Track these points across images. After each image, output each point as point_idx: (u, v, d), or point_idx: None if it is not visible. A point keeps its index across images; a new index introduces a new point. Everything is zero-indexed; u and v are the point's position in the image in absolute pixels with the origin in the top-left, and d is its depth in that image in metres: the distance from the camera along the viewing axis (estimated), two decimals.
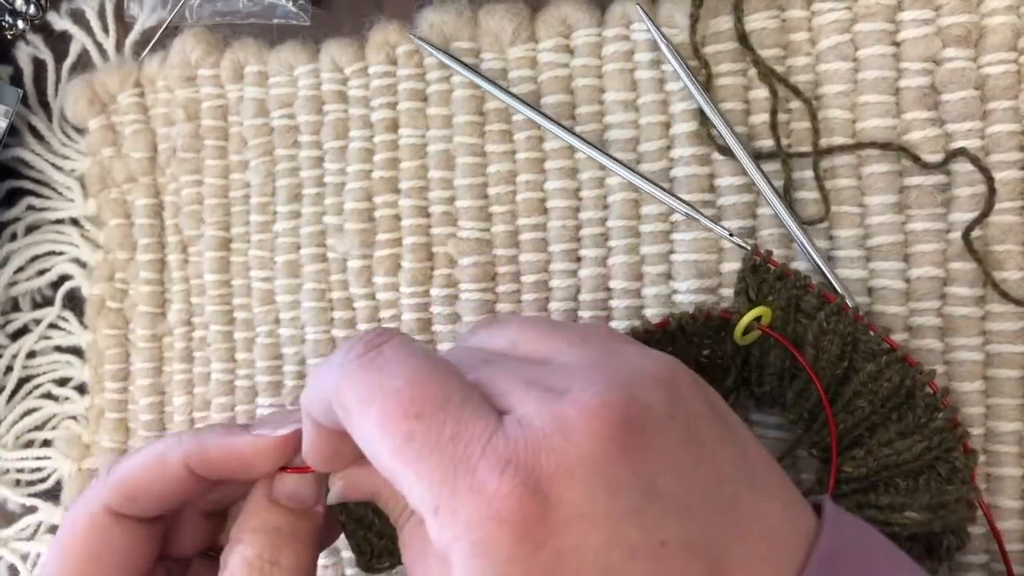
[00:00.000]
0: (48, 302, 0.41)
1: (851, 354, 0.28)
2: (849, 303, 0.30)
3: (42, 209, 0.41)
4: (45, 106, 0.41)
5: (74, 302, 0.41)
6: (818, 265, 0.30)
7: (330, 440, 0.22)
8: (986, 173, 0.29)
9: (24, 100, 0.41)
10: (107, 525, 0.26)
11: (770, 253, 0.29)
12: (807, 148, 0.31)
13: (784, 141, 0.32)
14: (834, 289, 0.30)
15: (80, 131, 0.41)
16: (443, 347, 0.35)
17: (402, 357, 0.19)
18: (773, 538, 0.19)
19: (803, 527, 0.20)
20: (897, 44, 0.31)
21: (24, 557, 0.41)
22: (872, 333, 0.27)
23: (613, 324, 0.33)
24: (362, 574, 0.29)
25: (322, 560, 0.37)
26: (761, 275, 0.29)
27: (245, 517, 0.25)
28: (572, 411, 0.18)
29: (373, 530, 0.28)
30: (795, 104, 0.32)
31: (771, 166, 0.32)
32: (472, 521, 0.17)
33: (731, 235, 0.31)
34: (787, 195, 0.31)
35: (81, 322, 0.41)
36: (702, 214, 0.31)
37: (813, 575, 0.18)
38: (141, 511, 0.26)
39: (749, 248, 0.30)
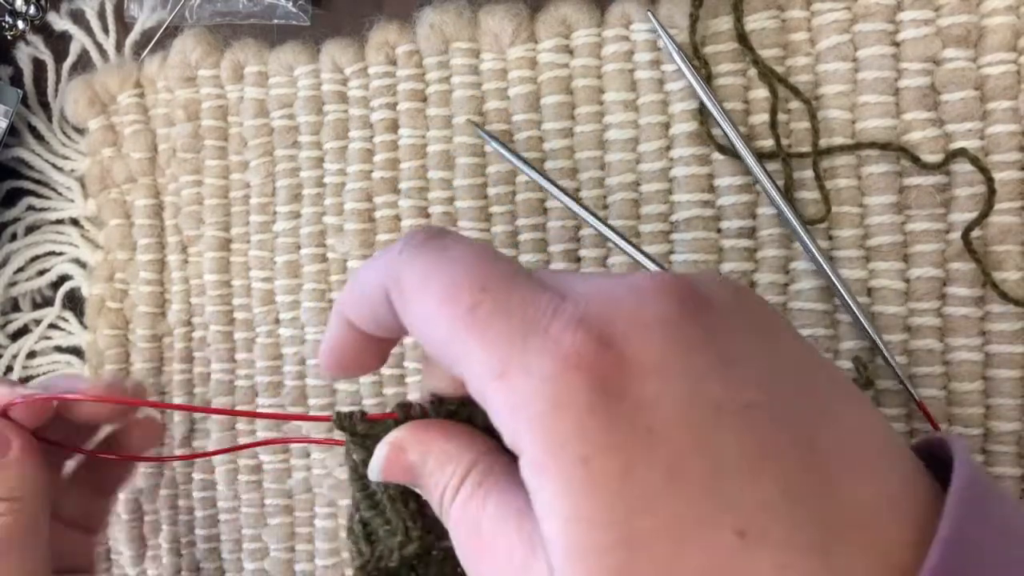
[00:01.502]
0: (48, 302, 0.41)
1: None
2: (851, 302, 0.30)
3: (42, 209, 0.41)
4: (45, 106, 0.41)
5: (74, 302, 0.41)
6: (820, 265, 0.30)
7: (358, 342, 0.22)
8: (986, 173, 0.29)
9: (24, 100, 0.41)
10: None
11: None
12: (807, 148, 0.31)
13: (784, 141, 0.32)
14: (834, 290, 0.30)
15: (80, 131, 0.41)
16: None
17: (463, 243, 0.19)
18: (876, 439, 0.18)
19: (908, 451, 0.19)
20: (897, 44, 0.31)
21: None
22: None
23: None
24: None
25: (322, 560, 0.37)
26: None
27: None
28: (645, 281, 0.18)
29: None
30: (795, 104, 0.32)
31: (771, 166, 0.32)
32: (546, 374, 0.17)
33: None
34: (788, 195, 0.31)
35: (81, 322, 0.41)
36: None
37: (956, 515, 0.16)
38: None
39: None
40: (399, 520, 0.23)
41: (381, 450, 0.21)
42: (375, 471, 0.22)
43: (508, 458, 0.19)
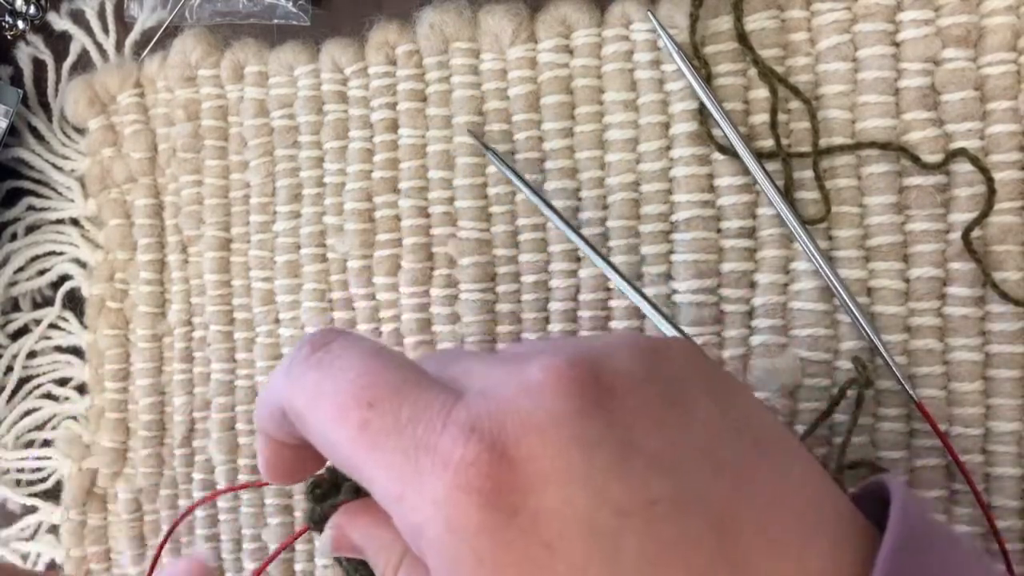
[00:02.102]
0: (48, 302, 0.41)
1: None
2: (850, 303, 0.30)
3: (42, 209, 0.41)
4: (45, 106, 0.41)
5: (74, 302, 0.41)
6: (819, 265, 0.30)
7: (285, 453, 0.21)
8: (986, 173, 0.29)
9: (24, 100, 0.41)
10: None
11: None
12: (807, 148, 0.31)
13: (784, 141, 0.32)
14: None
15: (80, 131, 0.41)
16: (442, 347, 0.35)
17: (350, 351, 0.19)
18: (800, 503, 0.17)
19: (843, 504, 0.18)
20: (897, 44, 0.31)
21: (24, 557, 0.41)
22: None
23: (612, 324, 0.33)
24: None
25: (322, 560, 0.37)
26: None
27: None
28: (538, 375, 0.17)
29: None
30: (794, 104, 0.32)
31: (771, 166, 0.32)
32: (438, 497, 0.16)
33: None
34: (788, 195, 0.31)
35: (81, 322, 0.41)
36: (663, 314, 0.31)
37: (891, 559, 0.16)
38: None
39: None
40: None
41: (327, 533, 0.22)
42: (325, 551, 0.22)
43: None
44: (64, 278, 0.41)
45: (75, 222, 0.41)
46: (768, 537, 0.16)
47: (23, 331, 0.42)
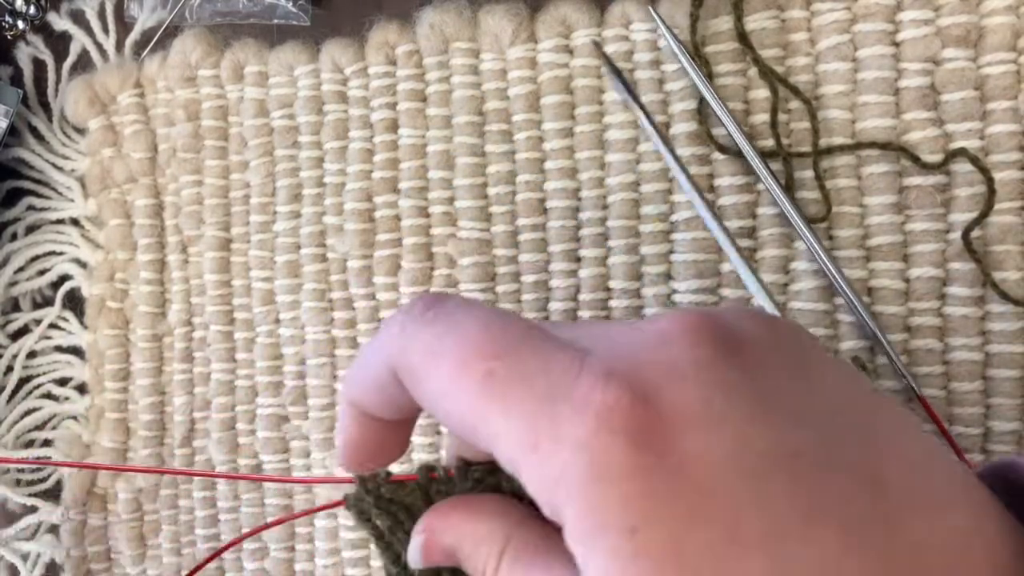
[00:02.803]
0: (48, 302, 0.41)
1: None
2: (855, 301, 0.30)
3: (42, 209, 0.41)
4: (45, 106, 0.41)
5: (74, 302, 0.41)
6: (824, 264, 0.30)
7: (375, 430, 0.20)
8: (986, 173, 0.29)
9: (24, 100, 0.41)
10: None
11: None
12: (807, 148, 0.31)
13: (784, 141, 0.32)
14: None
15: (80, 131, 0.41)
16: None
17: (467, 308, 0.18)
18: (939, 469, 0.17)
19: (970, 476, 0.17)
20: (897, 44, 0.31)
21: (24, 557, 0.41)
22: None
23: None
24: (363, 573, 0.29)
25: (322, 560, 0.37)
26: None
27: None
28: (670, 325, 0.17)
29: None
30: (795, 104, 0.32)
31: (772, 166, 0.32)
32: (580, 441, 0.15)
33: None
34: (788, 191, 0.31)
35: (81, 322, 0.41)
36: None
37: None
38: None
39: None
40: None
41: (416, 539, 0.20)
42: (415, 560, 0.20)
43: (543, 525, 0.18)
44: (64, 278, 0.41)
45: (75, 222, 0.41)
46: (916, 497, 0.16)
47: (23, 331, 0.42)
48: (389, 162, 0.36)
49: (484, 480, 0.21)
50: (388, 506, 0.23)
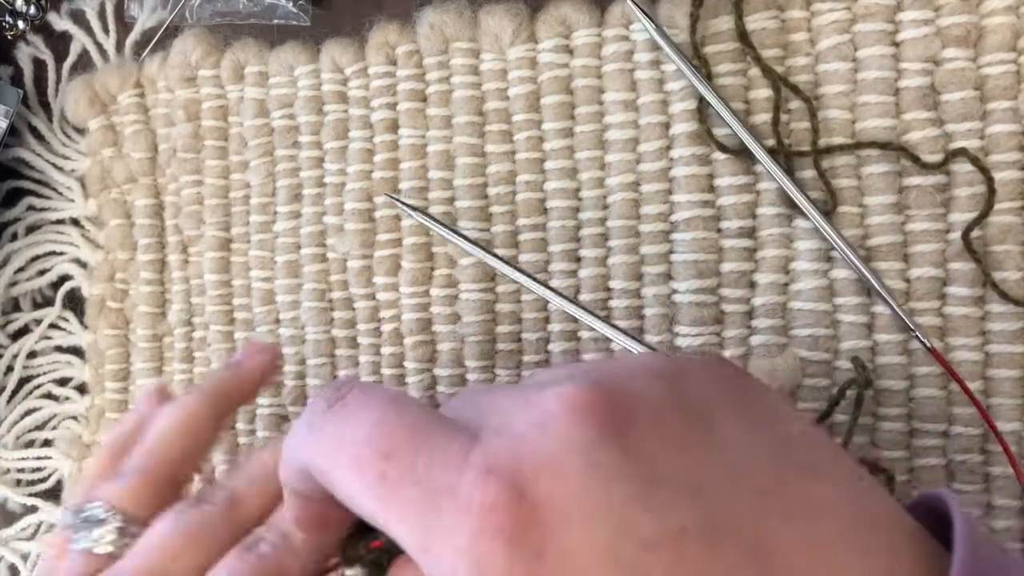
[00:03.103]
0: (48, 302, 0.41)
1: None
2: (879, 287, 0.30)
3: (42, 209, 0.41)
4: (45, 106, 0.41)
5: (74, 302, 0.41)
6: (841, 250, 0.30)
7: (314, 508, 0.21)
8: (986, 173, 0.29)
9: (24, 100, 0.41)
10: None
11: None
12: (807, 148, 0.31)
13: (784, 141, 0.32)
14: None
15: (80, 131, 0.41)
16: (442, 347, 0.35)
17: (364, 403, 0.18)
18: (846, 514, 0.16)
19: (897, 514, 0.17)
20: (897, 44, 0.31)
21: (24, 557, 0.41)
22: None
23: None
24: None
25: None
26: None
27: None
28: (551, 405, 0.17)
29: None
30: (795, 104, 0.32)
31: (774, 165, 0.32)
32: (462, 545, 0.16)
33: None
34: (792, 177, 0.31)
35: (81, 322, 0.41)
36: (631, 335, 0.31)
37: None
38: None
39: None
40: None
41: None
42: None
43: None
44: (64, 278, 0.41)
45: (75, 222, 0.41)
46: (810, 553, 0.16)
47: (23, 331, 0.42)
48: (389, 162, 0.36)
49: None
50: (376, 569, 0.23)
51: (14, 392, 0.42)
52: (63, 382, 0.41)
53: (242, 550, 0.24)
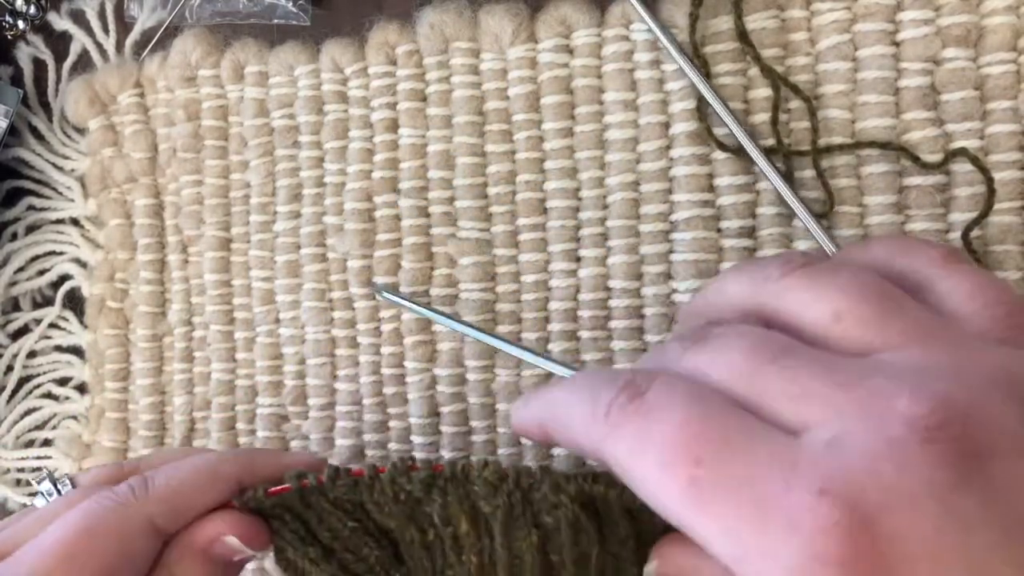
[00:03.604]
0: (48, 302, 0.41)
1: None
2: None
3: (42, 209, 0.41)
4: (45, 106, 0.41)
5: (74, 302, 0.41)
6: (827, 247, 0.30)
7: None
8: (986, 173, 0.29)
9: (24, 100, 0.41)
10: (141, 542, 0.24)
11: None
12: (807, 147, 0.31)
13: (784, 141, 0.32)
14: None
15: (80, 131, 0.41)
16: (442, 347, 0.35)
17: (667, 400, 0.17)
18: None
19: None
20: (897, 44, 0.31)
21: None
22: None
23: (612, 324, 0.33)
24: None
25: None
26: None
27: (176, 563, 0.25)
28: (898, 429, 0.15)
29: None
30: (795, 104, 0.32)
31: (772, 164, 0.32)
32: (790, 565, 0.15)
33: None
34: (790, 183, 0.31)
35: (81, 322, 0.41)
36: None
37: None
38: (175, 528, 0.25)
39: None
40: None
41: (651, 565, 0.21)
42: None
43: None
44: (64, 278, 0.41)
45: (75, 222, 0.41)
46: None
47: (23, 331, 0.42)
48: (389, 162, 0.36)
49: (351, 490, 0.24)
50: (284, 518, 0.26)
51: (14, 392, 0.42)
52: (63, 382, 0.41)
53: (104, 490, 0.25)
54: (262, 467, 0.27)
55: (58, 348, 0.41)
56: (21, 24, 0.41)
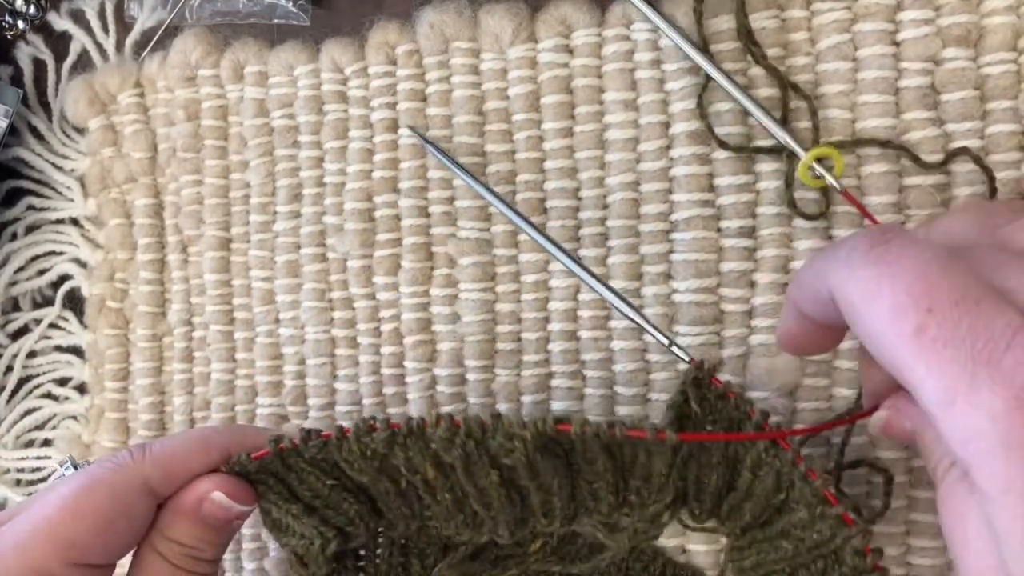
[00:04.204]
0: (48, 302, 0.41)
1: (788, 490, 0.26)
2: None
3: (42, 209, 0.41)
4: (45, 106, 0.41)
5: (74, 302, 0.41)
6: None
7: (810, 330, 0.23)
8: (988, 172, 0.29)
9: (24, 100, 0.41)
10: (136, 499, 0.27)
11: (714, 369, 0.28)
12: (807, 147, 0.31)
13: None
14: None
15: (80, 131, 0.41)
16: (442, 347, 0.35)
17: (910, 251, 0.19)
18: None
19: None
20: (897, 44, 0.31)
21: None
22: (811, 480, 0.25)
23: (612, 324, 0.33)
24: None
25: None
26: (704, 390, 0.28)
27: (169, 526, 0.27)
28: None
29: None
30: (795, 103, 0.32)
31: (773, 164, 0.32)
32: (995, 412, 0.16)
33: (671, 344, 0.30)
34: (788, 189, 0.31)
35: (81, 322, 0.41)
36: (645, 319, 0.30)
37: None
38: (169, 491, 0.27)
39: (691, 361, 0.29)
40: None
41: (880, 414, 0.23)
42: (876, 430, 0.23)
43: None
44: (64, 278, 0.41)
45: (75, 222, 0.41)
46: None
47: (23, 331, 0.42)
48: (389, 162, 0.36)
49: (322, 449, 0.27)
50: (268, 483, 0.28)
51: (14, 392, 0.42)
52: (63, 382, 0.41)
53: (107, 456, 0.28)
54: (251, 439, 0.29)
55: (58, 348, 0.41)
56: (21, 24, 0.41)
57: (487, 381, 0.35)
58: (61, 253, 0.41)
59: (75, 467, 0.31)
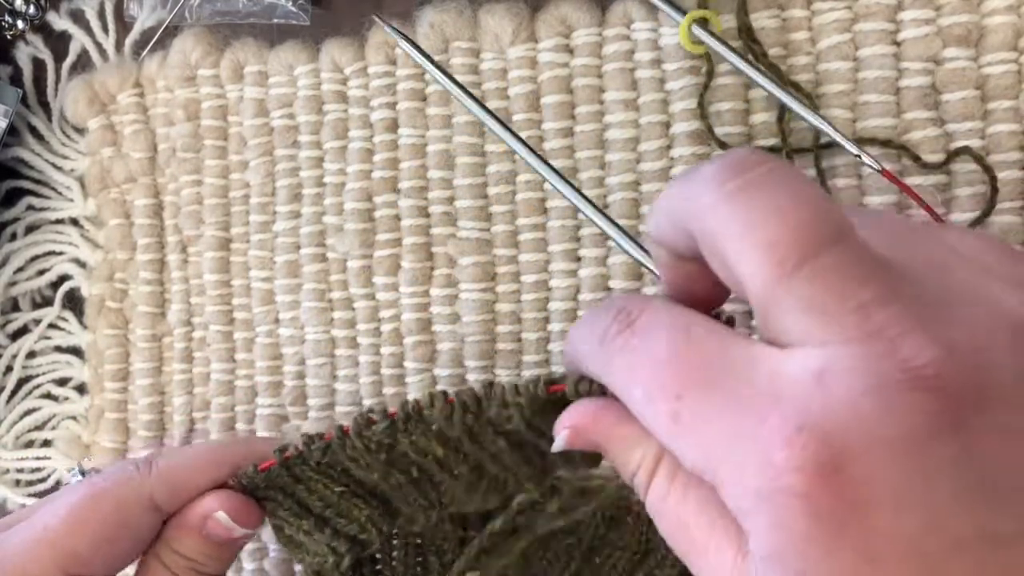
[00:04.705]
0: (48, 302, 0.41)
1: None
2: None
3: (42, 209, 0.41)
4: (45, 106, 0.41)
5: (74, 302, 0.41)
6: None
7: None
8: (989, 172, 0.29)
9: (24, 100, 0.41)
10: (140, 515, 0.27)
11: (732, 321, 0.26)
12: (808, 146, 0.31)
13: (786, 139, 0.32)
14: None
15: (80, 131, 0.41)
16: (442, 347, 0.35)
17: (653, 332, 0.18)
18: None
19: None
20: (897, 44, 0.31)
21: None
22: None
23: None
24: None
25: None
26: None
27: (174, 539, 0.27)
28: (896, 374, 0.15)
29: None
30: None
31: None
32: (762, 492, 0.15)
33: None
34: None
35: (81, 322, 0.41)
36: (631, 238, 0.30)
37: None
38: (173, 508, 0.27)
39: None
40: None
41: (562, 434, 0.21)
42: (558, 447, 0.21)
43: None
44: (64, 278, 0.41)
45: (75, 222, 0.41)
46: None
47: (23, 331, 0.42)
48: (389, 162, 0.36)
49: (326, 451, 0.26)
50: (277, 499, 0.28)
51: (13, 392, 0.42)
52: (62, 382, 0.41)
53: (113, 467, 0.28)
54: (260, 452, 0.28)
55: (58, 348, 0.41)
56: (21, 24, 0.41)
57: (487, 381, 0.34)
58: (61, 253, 0.41)
59: (83, 474, 0.31)
